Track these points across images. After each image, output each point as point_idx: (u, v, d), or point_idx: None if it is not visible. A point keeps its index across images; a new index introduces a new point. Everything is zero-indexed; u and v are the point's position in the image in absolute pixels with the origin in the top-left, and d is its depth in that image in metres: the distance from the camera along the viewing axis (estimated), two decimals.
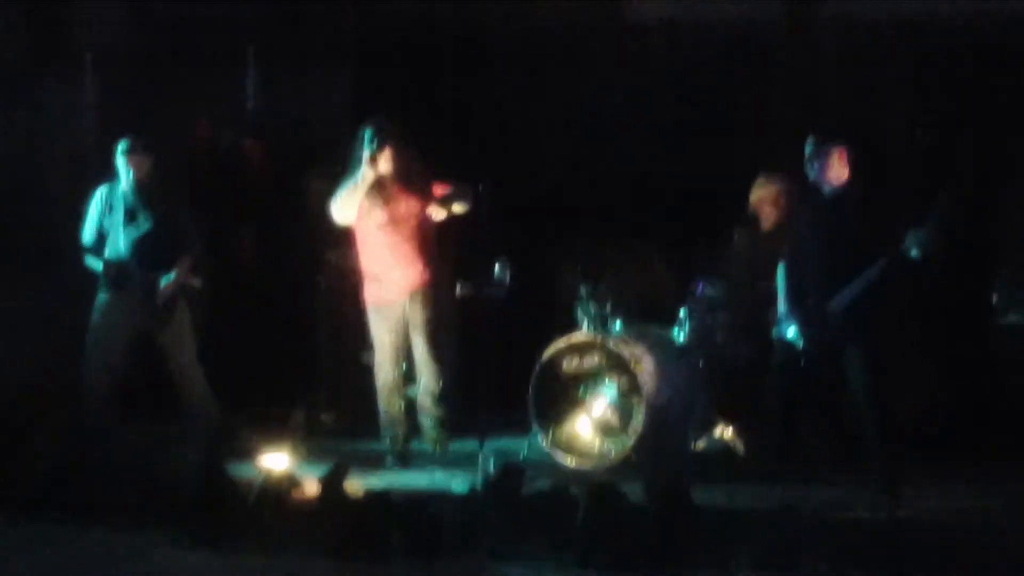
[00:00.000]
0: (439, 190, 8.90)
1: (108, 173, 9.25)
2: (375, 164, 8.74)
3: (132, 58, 10.71)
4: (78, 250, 9.26)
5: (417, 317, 8.90)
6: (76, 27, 10.83)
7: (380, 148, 8.75)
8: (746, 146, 10.14)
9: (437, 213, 8.90)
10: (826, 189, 8.33)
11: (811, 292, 8.34)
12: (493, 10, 11.08)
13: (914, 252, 7.95)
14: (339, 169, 9.03)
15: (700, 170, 10.30)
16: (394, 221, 8.85)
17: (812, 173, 8.34)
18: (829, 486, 8.27)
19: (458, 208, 8.92)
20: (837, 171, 8.27)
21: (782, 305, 8.46)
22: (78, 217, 9.28)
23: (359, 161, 8.77)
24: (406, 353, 8.98)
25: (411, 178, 8.88)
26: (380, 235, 8.88)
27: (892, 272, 8.09)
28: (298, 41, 10.99)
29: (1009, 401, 9.03)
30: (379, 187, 8.83)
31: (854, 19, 10.53)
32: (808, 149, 8.33)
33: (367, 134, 8.79)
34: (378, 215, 8.84)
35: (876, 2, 10.47)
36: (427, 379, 8.96)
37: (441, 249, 9.04)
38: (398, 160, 8.81)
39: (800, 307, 8.36)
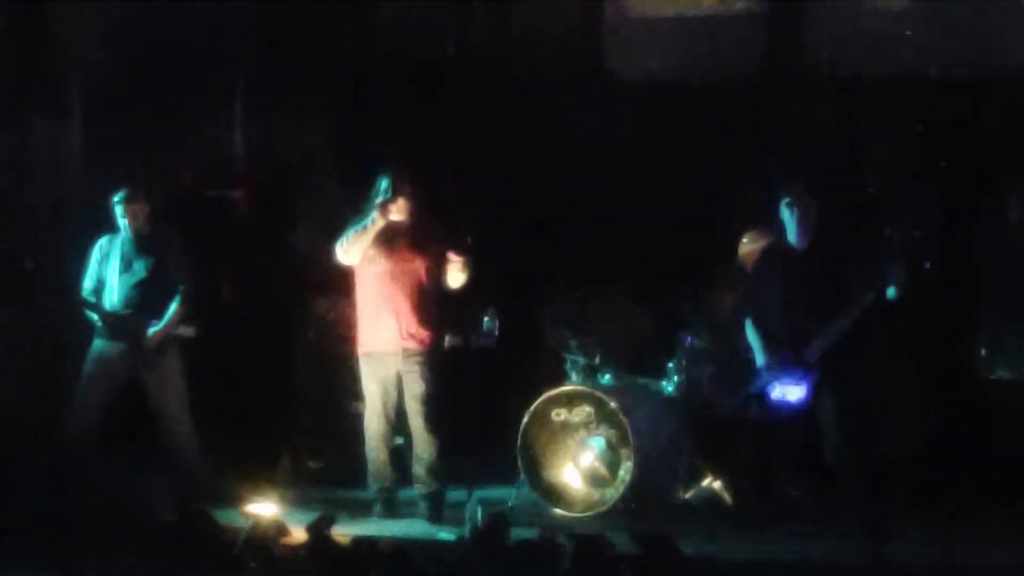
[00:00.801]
0: (451, 255, 8.81)
1: (93, 213, 9.30)
2: (386, 212, 8.68)
3: (118, 98, 10.73)
4: (63, 286, 9.30)
5: (415, 385, 8.78)
6: (62, 67, 10.86)
7: (394, 197, 8.69)
8: (734, 202, 10.19)
9: (449, 279, 8.83)
10: (797, 242, 8.51)
11: (783, 342, 8.41)
12: (482, 60, 11.16)
13: (889, 291, 8.10)
14: (326, 215, 9.03)
15: (689, 225, 10.36)
16: (396, 271, 8.78)
17: (788, 228, 8.53)
18: (815, 535, 8.26)
19: (459, 281, 8.88)
20: (808, 225, 8.48)
21: (760, 357, 8.54)
22: (63, 253, 9.30)
23: (372, 206, 8.72)
24: (397, 407, 8.88)
25: (421, 232, 8.81)
26: (380, 283, 8.80)
27: (860, 318, 8.20)
28: (288, 75, 11.02)
29: (992, 444, 9.04)
30: (388, 235, 8.76)
31: (828, 73, 10.69)
32: (784, 205, 8.52)
33: (383, 181, 8.73)
34: (381, 262, 8.78)
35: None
36: (421, 449, 8.83)
37: (440, 309, 8.93)
38: (410, 211, 8.74)
39: (775, 356, 8.44)
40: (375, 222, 8.69)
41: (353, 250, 8.76)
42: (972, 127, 10.14)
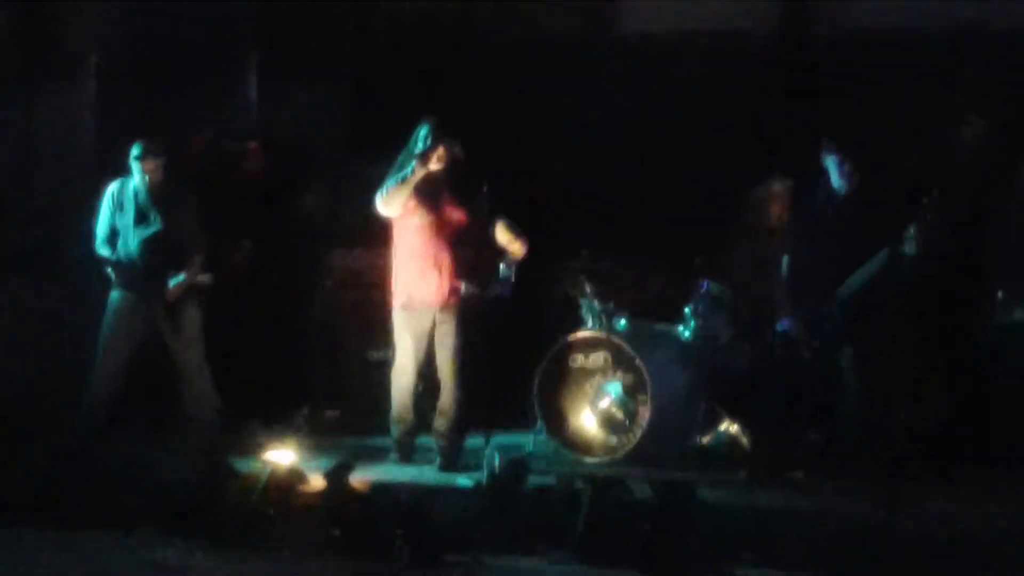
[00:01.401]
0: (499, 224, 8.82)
1: (110, 178, 9.29)
2: (426, 161, 8.61)
3: (133, 65, 10.73)
4: (78, 253, 9.29)
5: (446, 337, 8.77)
6: (77, 35, 10.85)
7: (434, 145, 8.63)
8: (750, 148, 10.18)
9: (512, 247, 8.83)
10: (835, 191, 8.48)
11: (813, 289, 8.39)
12: (494, 21, 11.14)
13: (907, 249, 8.06)
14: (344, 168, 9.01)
15: (705, 169, 10.36)
16: (435, 226, 8.74)
17: (828, 173, 8.49)
18: (831, 484, 8.28)
19: (517, 249, 8.88)
20: (847, 175, 8.46)
21: (783, 302, 8.52)
22: (78, 221, 9.31)
23: (410, 156, 8.65)
24: (427, 358, 8.86)
25: (460, 184, 8.76)
26: (419, 237, 8.76)
27: (891, 266, 8.17)
28: (299, 49, 11.02)
29: (1009, 404, 9.01)
30: (426, 188, 8.70)
31: (848, 29, 10.64)
32: (824, 152, 8.50)
33: (423, 130, 8.66)
34: (421, 216, 8.74)
35: (868, 14, 10.58)
36: (446, 403, 8.82)
37: (475, 261, 8.94)
38: (449, 162, 8.68)
39: (801, 304, 8.42)
40: (415, 172, 8.61)
41: (394, 201, 8.69)
42: (1010, 82, 10.09)
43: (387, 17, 11.39)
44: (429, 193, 8.73)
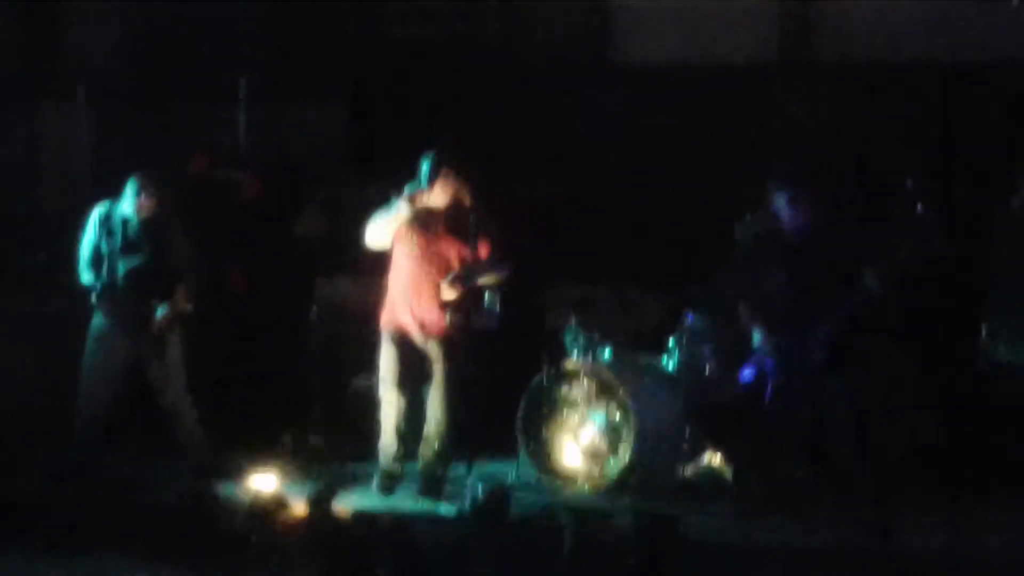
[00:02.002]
0: (482, 250, 8.75)
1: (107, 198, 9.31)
2: (413, 203, 8.63)
3: (129, 88, 10.76)
4: (70, 274, 9.27)
5: (435, 367, 8.74)
6: (71, 61, 10.88)
7: (428, 185, 8.62)
8: (734, 182, 10.21)
9: (462, 284, 8.72)
10: (796, 230, 8.46)
11: (784, 325, 8.42)
12: (490, 47, 11.18)
13: (873, 285, 8.09)
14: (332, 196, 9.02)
15: (690, 203, 10.40)
16: (425, 257, 8.73)
17: (782, 211, 8.48)
18: (816, 517, 8.28)
19: (490, 279, 8.84)
20: (806, 214, 8.43)
21: (757, 338, 8.53)
22: (71, 244, 9.30)
23: (411, 189, 8.65)
24: (413, 387, 8.83)
25: (455, 220, 8.75)
26: (409, 266, 8.76)
27: (861, 302, 8.19)
28: (296, 73, 11.05)
29: (994, 430, 9.04)
30: (423, 219, 8.70)
31: (844, 62, 10.71)
32: (777, 190, 8.50)
33: (424, 165, 8.63)
34: (412, 247, 8.74)
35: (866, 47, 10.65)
36: (432, 432, 8.79)
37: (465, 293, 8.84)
38: (449, 198, 8.67)
39: (774, 339, 8.43)
40: (398, 212, 8.64)
41: (379, 235, 8.72)
42: (975, 114, 10.18)
43: (384, 43, 11.42)
44: (424, 224, 8.73)
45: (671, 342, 9.34)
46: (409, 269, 8.77)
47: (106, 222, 9.15)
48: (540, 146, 10.99)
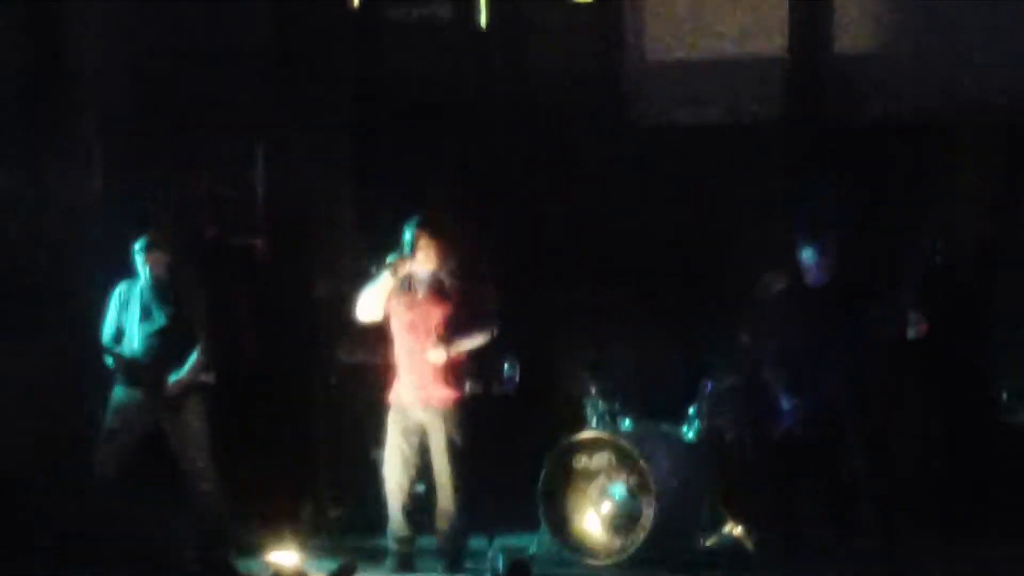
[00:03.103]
0: (468, 312, 8.74)
1: (112, 255, 9.33)
2: (396, 270, 8.65)
3: (139, 120, 10.78)
4: (83, 326, 9.30)
5: (438, 435, 8.71)
6: (80, 98, 10.91)
7: (412, 252, 8.65)
8: (752, 244, 10.21)
9: (448, 346, 8.70)
10: (814, 282, 8.47)
11: (806, 384, 8.39)
12: (494, 91, 11.20)
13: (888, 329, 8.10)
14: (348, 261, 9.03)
15: (709, 269, 10.38)
16: (414, 325, 8.73)
17: (806, 267, 8.50)
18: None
19: (474, 343, 8.83)
20: (825, 266, 8.46)
21: (783, 401, 8.52)
22: (81, 290, 9.33)
23: (393, 258, 8.67)
24: (417, 457, 8.82)
25: (444, 286, 8.76)
26: (403, 336, 8.78)
27: (881, 358, 8.20)
28: (304, 134, 11.07)
29: (1012, 479, 9.01)
30: (409, 288, 8.73)
31: (858, 117, 10.74)
32: (802, 245, 8.50)
33: (406, 232, 8.67)
34: (400, 317, 8.76)
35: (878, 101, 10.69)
36: (444, 504, 8.77)
37: (466, 362, 8.87)
38: (433, 263, 8.70)
39: (796, 397, 8.42)
40: (383, 281, 8.66)
41: (368, 308, 8.74)
42: (989, 164, 10.19)
43: (390, 99, 11.42)
44: (411, 293, 8.75)
45: (691, 411, 9.32)
46: (403, 339, 8.78)
47: (124, 297, 9.20)
48: (552, 203, 10.96)
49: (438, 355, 8.67)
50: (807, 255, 8.50)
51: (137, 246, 9.20)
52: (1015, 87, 10.29)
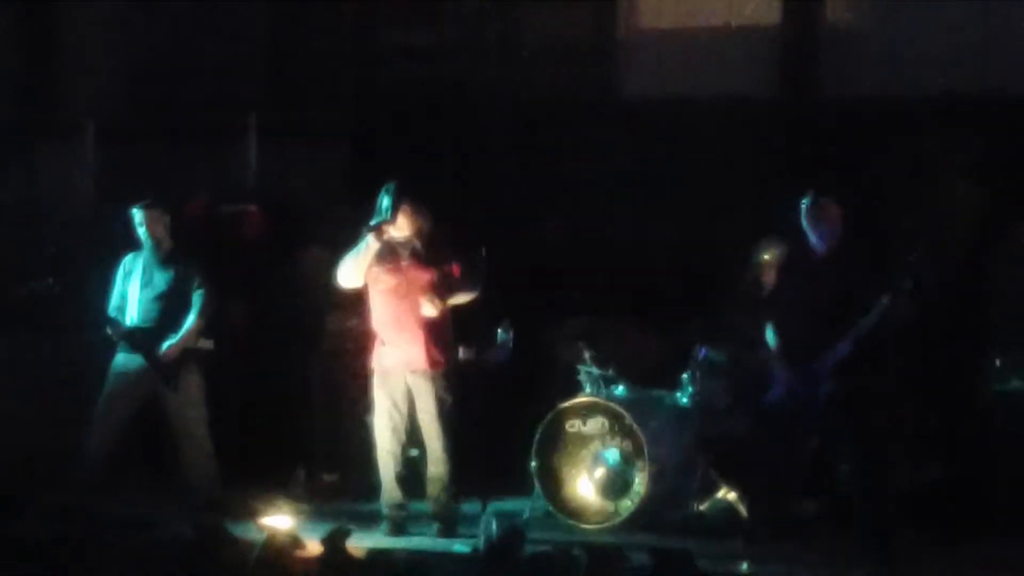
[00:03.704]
0: (453, 269, 8.75)
1: (107, 242, 9.34)
2: (379, 234, 8.63)
3: (133, 125, 10.80)
4: (81, 314, 9.31)
5: (427, 403, 8.72)
6: (77, 94, 10.92)
7: (391, 218, 8.63)
8: (750, 212, 10.21)
9: (440, 300, 8.72)
10: (819, 246, 8.43)
11: (803, 349, 8.39)
12: (493, 81, 11.21)
13: (903, 288, 8.08)
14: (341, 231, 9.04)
15: (703, 236, 10.39)
16: (399, 290, 8.74)
17: (807, 229, 8.45)
18: (827, 551, 8.25)
19: (463, 297, 8.82)
20: (832, 227, 8.39)
21: (776, 366, 8.51)
22: (77, 284, 9.33)
23: (370, 225, 8.67)
24: (407, 421, 8.83)
25: (424, 248, 8.75)
26: (385, 302, 8.78)
27: (878, 330, 8.18)
28: (299, 110, 11.08)
29: (1006, 470, 9.00)
30: (390, 253, 8.72)
31: (848, 95, 10.73)
32: (804, 205, 8.45)
33: (383, 199, 8.66)
34: (384, 282, 8.76)
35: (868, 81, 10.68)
36: (434, 468, 8.78)
37: (450, 326, 8.85)
38: (411, 228, 8.70)
39: (792, 365, 8.41)
40: (369, 245, 8.64)
41: (350, 273, 8.73)
42: (993, 142, 10.18)
43: (387, 78, 11.46)
44: (392, 258, 8.74)
45: (684, 377, 9.33)
46: (386, 305, 8.77)
47: (127, 269, 9.24)
48: (549, 180, 10.99)
49: (432, 308, 8.66)
50: (807, 221, 8.46)
51: (136, 208, 9.19)
52: (1011, 64, 10.32)
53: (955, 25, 10.57)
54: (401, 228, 8.70)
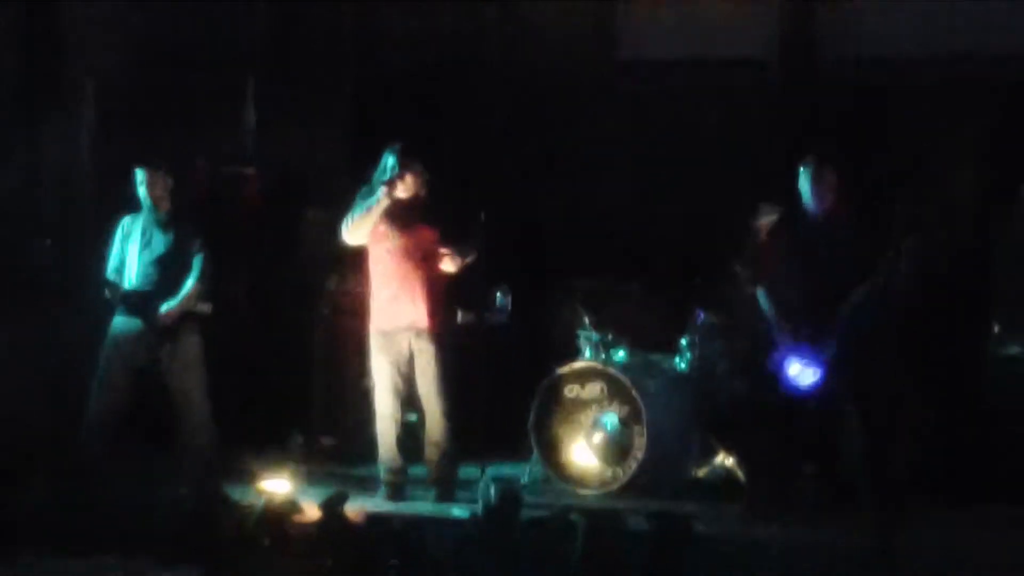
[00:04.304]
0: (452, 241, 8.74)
1: (111, 202, 9.30)
2: (392, 189, 8.62)
3: (132, 91, 10.75)
4: (77, 284, 9.29)
5: (427, 365, 8.72)
6: (76, 61, 10.87)
7: (400, 174, 8.63)
8: (751, 176, 10.19)
9: (446, 264, 8.73)
10: (815, 208, 8.43)
11: (802, 312, 8.39)
12: (494, 49, 11.18)
13: (886, 274, 8.09)
14: (340, 195, 9.03)
15: (706, 198, 10.37)
16: (406, 249, 8.72)
17: (805, 194, 8.45)
18: (824, 517, 8.26)
19: (458, 263, 8.81)
20: (829, 191, 8.40)
21: (775, 331, 8.50)
22: (77, 251, 9.31)
23: (378, 183, 8.67)
24: (407, 385, 8.83)
25: (429, 208, 8.75)
26: (390, 261, 8.75)
27: (878, 295, 8.18)
28: (298, 75, 11.04)
29: (1007, 435, 9.01)
30: (395, 212, 8.70)
31: (850, 58, 10.70)
32: (802, 171, 8.44)
33: (388, 158, 8.68)
34: (391, 241, 8.74)
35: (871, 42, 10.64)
36: (434, 432, 8.78)
37: (450, 286, 8.86)
38: (417, 188, 8.70)
39: (791, 327, 8.41)
40: (379, 201, 8.63)
41: (358, 230, 8.72)
42: (982, 117, 10.16)
43: (387, 44, 11.43)
44: (398, 217, 8.72)
45: (683, 342, 9.32)
46: (392, 264, 8.75)
47: (128, 229, 9.20)
48: (548, 147, 10.96)
49: (451, 265, 8.69)
50: (805, 185, 8.45)
51: (137, 169, 9.16)
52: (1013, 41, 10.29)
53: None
54: (408, 187, 8.69)
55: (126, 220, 9.26)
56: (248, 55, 11.04)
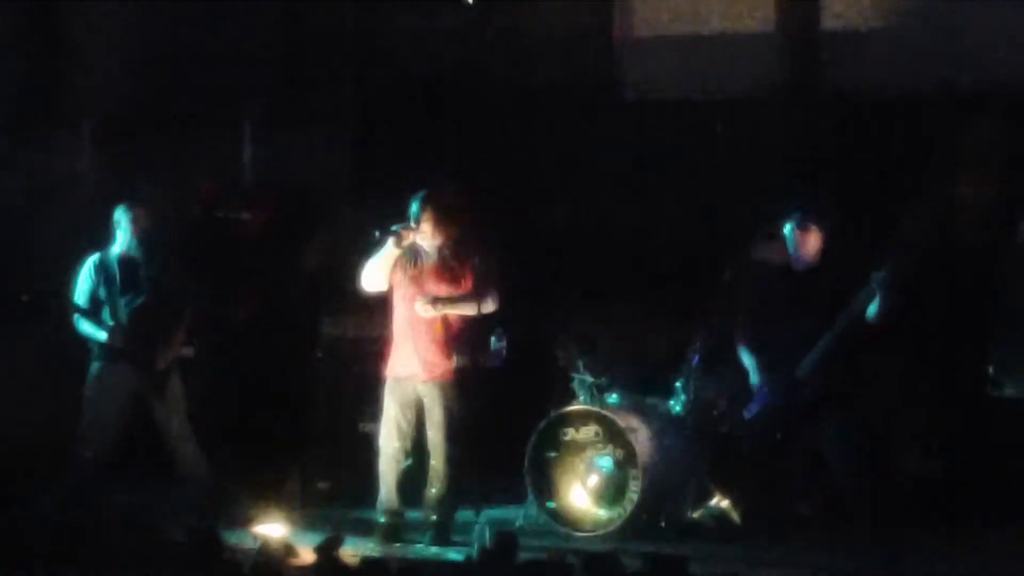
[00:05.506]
0: (467, 284, 8.75)
1: (106, 236, 9.31)
2: (401, 240, 8.64)
3: (132, 117, 10.77)
4: (71, 314, 9.29)
5: (433, 410, 8.73)
6: (75, 92, 10.89)
7: (415, 225, 8.65)
8: (738, 218, 10.21)
9: (433, 307, 8.72)
10: (797, 262, 8.60)
11: (779, 360, 8.51)
12: (495, 70, 11.19)
13: (870, 309, 8.20)
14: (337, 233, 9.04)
15: (697, 243, 10.38)
16: (418, 298, 8.72)
17: (790, 246, 8.62)
18: (825, 556, 8.26)
19: (466, 311, 8.80)
20: (811, 252, 8.59)
21: (754, 377, 8.58)
22: (78, 262, 9.32)
23: (399, 228, 8.65)
24: (412, 429, 8.83)
25: (447, 258, 8.78)
26: (406, 309, 8.77)
27: (851, 334, 8.28)
28: (299, 100, 11.06)
29: (997, 458, 9.04)
30: (415, 260, 8.75)
31: (852, 93, 10.74)
32: (788, 228, 8.61)
33: (413, 204, 8.66)
34: (407, 288, 8.76)
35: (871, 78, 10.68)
36: (436, 478, 8.78)
37: (466, 335, 8.84)
38: (439, 237, 8.71)
39: (770, 372, 8.48)
40: (389, 250, 8.66)
41: (372, 277, 8.74)
42: (972, 144, 10.19)
43: (387, 66, 11.42)
44: (417, 264, 8.75)
45: (677, 385, 9.33)
46: (404, 311, 8.78)
47: (102, 269, 9.15)
48: (544, 181, 10.96)
49: (425, 308, 8.66)
50: (789, 243, 8.59)
51: (119, 210, 9.16)
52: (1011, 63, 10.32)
53: (954, 22, 10.55)
54: (428, 237, 8.70)
55: (94, 259, 9.19)
56: (248, 79, 11.02)
